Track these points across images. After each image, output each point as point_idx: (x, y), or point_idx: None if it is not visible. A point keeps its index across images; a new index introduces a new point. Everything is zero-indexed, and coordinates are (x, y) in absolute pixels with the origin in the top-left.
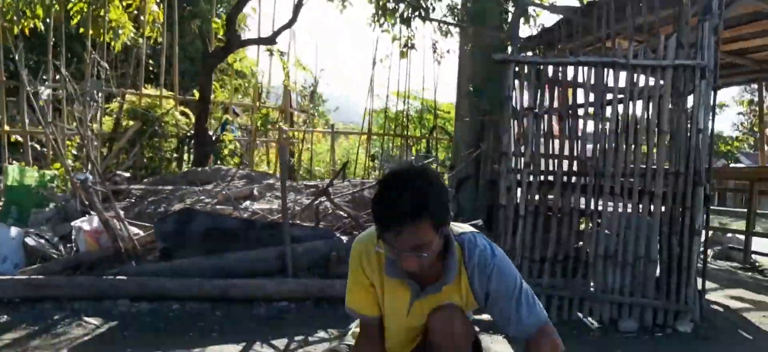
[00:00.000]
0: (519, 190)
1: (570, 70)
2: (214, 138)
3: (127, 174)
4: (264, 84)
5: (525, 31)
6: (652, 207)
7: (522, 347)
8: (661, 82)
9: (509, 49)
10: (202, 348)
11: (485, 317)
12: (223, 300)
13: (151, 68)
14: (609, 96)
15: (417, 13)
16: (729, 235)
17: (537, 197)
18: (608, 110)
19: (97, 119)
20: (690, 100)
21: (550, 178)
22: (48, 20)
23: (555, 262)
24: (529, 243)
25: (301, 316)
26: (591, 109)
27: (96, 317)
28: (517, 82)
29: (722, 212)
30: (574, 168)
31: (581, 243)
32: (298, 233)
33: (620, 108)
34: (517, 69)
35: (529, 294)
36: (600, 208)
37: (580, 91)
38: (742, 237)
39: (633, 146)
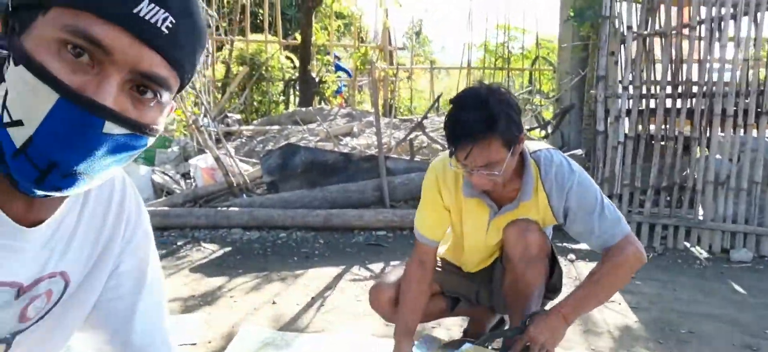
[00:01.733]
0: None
1: None
2: (317, 80)
3: (238, 116)
4: (363, 25)
5: None
6: None
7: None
8: None
9: None
10: (304, 270)
11: (580, 246)
12: (325, 229)
13: (256, 16)
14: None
15: None
16: None
17: (639, 127)
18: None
19: (209, 66)
20: None
21: (653, 103)
22: None
23: (659, 190)
24: (630, 171)
25: (397, 244)
26: (702, 29)
27: (212, 243)
28: (619, 2)
29: None
30: (680, 91)
31: (687, 172)
32: (394, 166)
33: (732, 25)
34: None
35: (611, 208)
36: (709, 133)
37: (685, 10)
38: None
39: (751, 63)
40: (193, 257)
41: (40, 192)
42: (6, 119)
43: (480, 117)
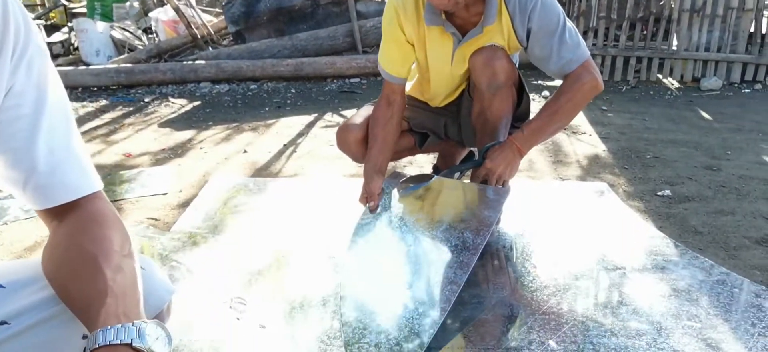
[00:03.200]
0: None
1: None
2: None
3: None
4: None
5: None
6: None
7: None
8: None
9: None
10: (276, 119)
11: (555, 82)
12: (297, 78)
13: None
14: None
15: None
16: None
17: None
18: None
19: None
20: None
21: None
22: None
23: (634, 24)
24: (606, 4)
25: (371, 90)
26: None
27: (181, 98)
28: None
29: None
30: None
31: (663, 2)
32: (365, 9)
33: None
34: None
35: (572, 32)
36: None
37: None
38: None
39: None
40: (162, 113)
41: None
42: None
43: None
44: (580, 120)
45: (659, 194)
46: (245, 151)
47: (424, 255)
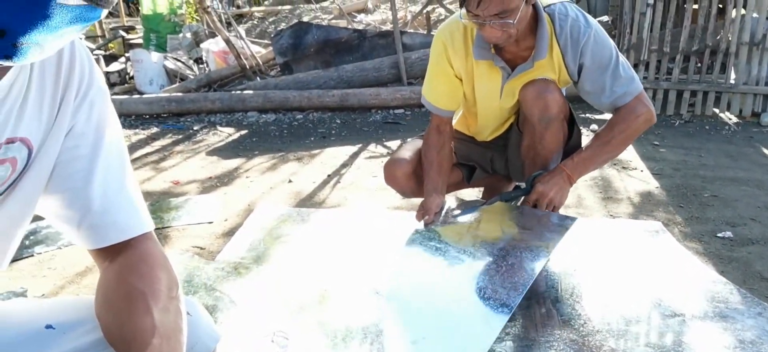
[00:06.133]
0: None
1: None
2: None
3: None
4: None
5: None
6: None
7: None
8: None
9: None
10: (321, 149)
11: (604, 116)
12: (342, 109)
13: None
14: None
15: None
16: None
17: None
18: None
19: None
20: None
21: None
22: None
23: (688, 56)
24: (659, 37)
25: (415, 121)
26: None
27: (229, 127)
28: None
29: None
30: None
31: (720, 35)
32: (410, 41)
33: None
34: None
35: (625, 65)
36: None
37: None
38: None
39: None
40: (210, 141)
41: None
42: None
43: None
44: (631, 155)
45: (719, 235)
46: (290, 181)
47: (474, 279)
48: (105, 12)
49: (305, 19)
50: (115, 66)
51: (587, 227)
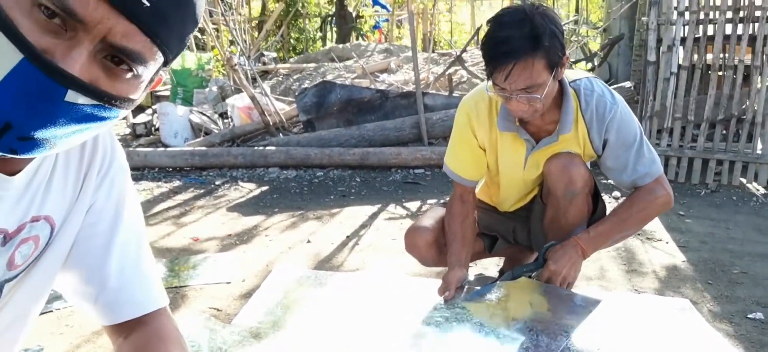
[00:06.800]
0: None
1: None
2: (354, 15)
3: (274, 54)
4: None
5: None
6: None
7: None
8: None
9: None
10: (340, 208)
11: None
12: (362, 167)
13: None
14: None
15: None
16: None
17: (695, 56)
18: None
19: (245, 3)
20: None
21: (711, 29)
22: None
23: (714, 124)
24: (683, 104)
25: (435, 182)
26: None
27: (250, 182)
28: None
29: None
30: (741, 16)
31: (746, 104)
32: (432, 102)
33: None
34: None
35: (648, 146)
36: None
37: None
38: None
39: None
40: (231, 196)
41: None
42: None
43: (523, 34)
44: (656, 225)
45: (750, 316)
46: (309, 241)
47: None
48: (124, 111)
49: (329, 77)
50: (142, 117)
51: (612, 302)
